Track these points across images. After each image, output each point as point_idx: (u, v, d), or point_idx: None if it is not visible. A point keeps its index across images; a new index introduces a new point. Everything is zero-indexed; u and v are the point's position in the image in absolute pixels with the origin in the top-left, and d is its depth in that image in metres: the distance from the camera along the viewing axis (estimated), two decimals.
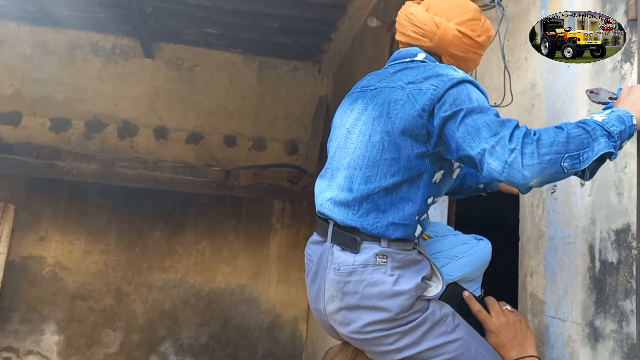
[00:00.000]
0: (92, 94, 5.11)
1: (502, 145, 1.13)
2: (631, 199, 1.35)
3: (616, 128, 1.14)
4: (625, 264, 1.36)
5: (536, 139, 1.13)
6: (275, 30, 4.85)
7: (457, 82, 1.24)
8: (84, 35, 5.18)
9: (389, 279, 1.24)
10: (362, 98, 1.40)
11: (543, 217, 1.75)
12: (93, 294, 4.92)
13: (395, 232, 1.27)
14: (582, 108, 1.60)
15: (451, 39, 1.39)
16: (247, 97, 5.42)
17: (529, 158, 1.11)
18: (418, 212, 1.29)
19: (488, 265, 1.48)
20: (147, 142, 5.13)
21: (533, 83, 1.88)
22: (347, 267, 1.27)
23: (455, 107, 1.21)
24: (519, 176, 1.11)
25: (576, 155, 1.11)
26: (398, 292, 1.23)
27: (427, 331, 1.25)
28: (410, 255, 1.28)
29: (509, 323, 1.32)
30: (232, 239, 5.22)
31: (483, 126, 1.17)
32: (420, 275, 1.27)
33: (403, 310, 1.23)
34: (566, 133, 1.13)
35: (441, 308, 1.29)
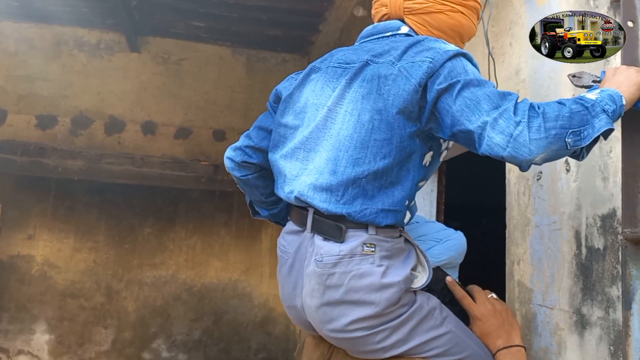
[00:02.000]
0: (78, 90, 5.04)
1: (507, 118, 1.06)
2: (617, 184, 1.33)
3: (610, 107, 1.10)
4: (611, 249, 1.34)
5: (541, 112, 1.07)
6: (263, 22, 4.80)
7: (454, 54, 1.17)
8: (69, 30, 5.10)
9: (377, 269, 1.15)
10: (341, 75, 1.28)
11: (529, 204, 1.73)
12: (83, 292, 4.88)
13: (385, 219, 1.17)
14: (567, 94, 1.57)
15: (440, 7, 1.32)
16: (236, 90, 5.36)
17: (536, 132, 1.04)
18: (408, 197, 1.20)
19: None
20: (135, 138, 5.08)
21: (518, 69, 1.86)
22: (332, 258, 1.16)
23: (450, 80, 1.13)
24: (524, 151, 1.04)
25: (578, 131, 1.07)
26: (387, 285, 1.14)
27: (416, 326, 1.18)
28: (398, 243, 1.20)
29: (495, 310, 1.27)
30: (224, 234, 5.18)
31: (483, 98, 1.10)
32: (409, 266, 1.19)
33: (390, 305, 1.14)
34: (568, 108, 1.08)
35: (428, 300, 1.23)
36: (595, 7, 1.46)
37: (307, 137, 1.28)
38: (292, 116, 1.35)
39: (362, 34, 1.42)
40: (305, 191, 1.22)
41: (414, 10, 1.33)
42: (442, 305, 1.26)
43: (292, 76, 1.49)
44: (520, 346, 1.26)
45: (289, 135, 1.34)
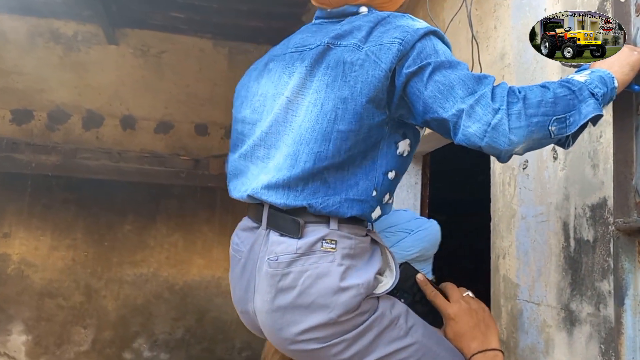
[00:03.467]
0: (54, 84, 4.89)
1: (484, 105, 0.96)
2: (607, 171, 1.25)
3: (600, 90, 1.01)
4: (601, 241, 1.26)
5: (522, 97, 0.97)
6: (244, 13, 4.68)
7: (424, 33, 1.04)
8: (44, 22, 4.94)
9: (336, 269, 1.01)
10: (298, 59, 1.13)
11: (515, 195, 1.64)
12: (61, 291, 4.74)
13: (350, 210, 1.04)
14: (554, 77, 1.49)
15: None
16: (218, 84, 5.24)
17: (516, 119, 0.95)
18: (375, 187, 1.07)
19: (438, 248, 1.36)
20: (114, 133, 4.93)
21: (502, 53, 1.77)
22: (287, 256, 1.03)
23: (420, 62, 1.01)
24: (503, 140, 0.95)
25: (563, 118, 0.97)
26: (345, 288, 1.01)
27: (377, 337, 1.04)
28: (363, 242, 1.07)
29: (470, 310, 1.14)
30: (206, 230, 5.06)
31: (457, 83, 0.99)
32: (374, 269, 1.06)
33: (348, 311, 1.01)
34: (552, 92, 0.99)
35: (392, 308, 1.08)
36: None
37: (267, 132, 1.15)
38: (249, 110, 1.22)
39: (317, 15, 1.26)
40: (259, 189, 1.10)
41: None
42: (409, 312, 1.11)
43: (251, 67, 1.35)
44: (497, 350, 1.12)
45: (247, 131, 1.22)
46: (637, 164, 1.12)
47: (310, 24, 1.26)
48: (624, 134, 1.15)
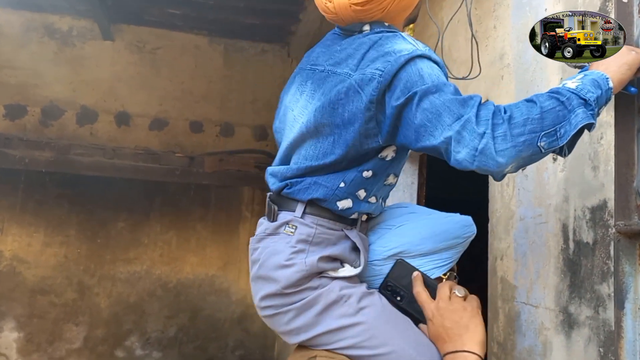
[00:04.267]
0: (49, 79, 4.84)
1: (470, 130, 0.98)
2: (608, 173, 1.24)
3: (592, 94, 1.01)
4: (601, 244, 1.25)
5: (507, 117, 0.98)
6: (241, 10, 4.66)
7: (405, 61, 1.07)
8: (39, 17, 4.90)
9: (287, 249, 1.14)
10: (311, 80, 1.21)
11: (513, 195, 1.63)
12: (54, 288, 4.70)
13: (314, 192, 1.15)
14: (554, 77, 1.48)
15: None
16: (213, 81, 5.21)
17: (502, 142, 0.96)
18: (344, 180, 1.14)
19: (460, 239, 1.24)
20: (108, 129, 4.89)
21: (502, 53, 1.76)
22: (259, 235, 1.20)
23: (407, 92, 1.05)
24: (492, 164, 0.97)
25: (553, 131, 0.98)
26: (288, 265, 1.13)
27: (323, 311, 1.12)
28: (327, 234, 1.15)
29: (448, 310, 1.10)
30: (200, 228, 5.04)
31: (443, 110, 1.01)
32: (323, 255, 1.13)
33: (290, 285, 1.12)
34: (539, 107, 0.99)
35: (347, 287, 1.13)
36: None
37: (281, 146, 1.28)
38: (278, 120, 1.34)
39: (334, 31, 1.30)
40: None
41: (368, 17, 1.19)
42: (371, 296, 1.14)
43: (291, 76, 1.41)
44: (470, 352, 1.06)
45: (279, 139, 1.33)
46: (638, 167, 1.11)
47: (331, 33, 1.29)
48: (625, 136, 1.14)
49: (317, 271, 1.13)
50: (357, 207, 1.17)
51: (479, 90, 1.85)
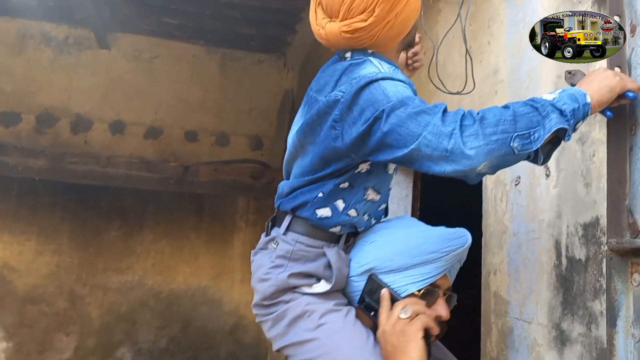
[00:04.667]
0: (44, 86, 4.84)
1: (437, 134, 1.02)
2: (600, 190, 1.24)
3: (568, 106, 1.03)
4: (594, 261, 1.25)
5: (479, 118, 1.02)
6: (238, 20, 4.67)
7: (365, 83, 1.11)
8: (35, 24, 4.90)
9: (268, 263, 1.23)
10: (306, 104, 1.27)
11: (506, 211, 1.64)
12: (45, 297, 4.67)
13: (294, 200, 1.23)
14: (547, 94, 1.49)
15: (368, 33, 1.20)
16: (209, 90, 5.22)
17: (474, 139, 1.00)
18: (322, 191, 1.21)
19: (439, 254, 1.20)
20: (103, 137, 4.88)
21: (496, 69, 1.77)
22: (257, 248, 1.30)
23: (375, 112, 1.08)
24: (463, 162, 1.00)
25: (526, 134, 1.00)
26: (265, 278, 1.22)
27: (291, 323, 1.19)
28: (305, 251, 1.21)
29: (390, 333, 1.09)
30: (194, 238, 5.02)
31: (410, 120, 1.05)
32: (302, 270, 1.20)
33: (266, 297, 1.22)
34: (512, 111, 1.02)
35: (314, 302, 1.18)
36: (579, 2, 1.38)
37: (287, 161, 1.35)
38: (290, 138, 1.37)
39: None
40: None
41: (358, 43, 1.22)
42: (334, 313, 1.16)
43: None
44: None
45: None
46: (631, 185, 1.11)
47: (334, 57, 1.32)
48: (618, 154, 1.15)
49: (288, 286, 1.20)
50: (336, 217, 1.22)
51: (473, 105, 1.86)
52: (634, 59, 1.15)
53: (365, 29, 1.18)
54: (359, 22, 1.17)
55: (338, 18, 1.20)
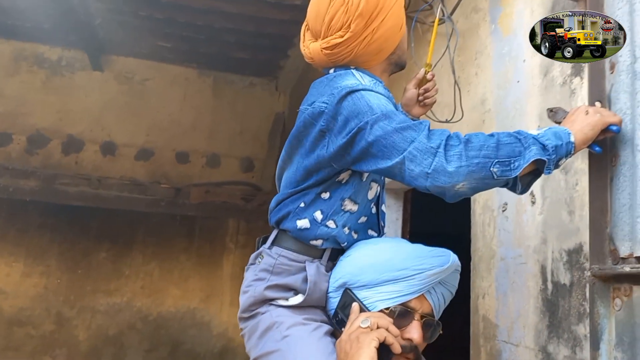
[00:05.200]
0: (36, 108, 4.86)
1: (422, 150, 1.07)
2: (583, 218, 1.29)
3: (551, 142, 1.09)
4: (578, 286, 1.30)
5: (465, 140, 1.08)
6: (231, 45, 4.75)
7: (346, 93, 1.16)
8: (29, 46, 4.95)
9: (251, 276, 1.27)
10: (297, 117, 1.30)
11: (494, 236, 1.69)
12: (32, 320, 4.62)
13: (279, 213, 1.28)
14: (532, 124, 1.55)
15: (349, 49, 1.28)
16: (201, 112, 5.27)
17: (457, 159, 1.05)
18: (304, 201, 1.25)
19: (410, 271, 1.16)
20: (94, 158, 4.90)
21: (483, 99, 1.84)
22: (247, 265, 1.32)
23: (359, 122, 1.13)
24: (444, 179, 1.05)
25: (507, 162, 1.06)
26: (245, 291, 1.26)
27: (262, 335, 1.21)
28: (287, 265, 1.24)
29: (345, 341, 1.10)
30: (183, 260, 5.01)
31: (395, 134, 1.10)
32: (280, 283, 1.23)
33: (244, 309, 1.26)
34: (496, 139, 1.08)
35: (284, 315, 1.20)
36: None
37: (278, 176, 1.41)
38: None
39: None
40: None
41: (339, 59, 1.29)
42: (300, 326, 1.18)
43: None
44: None
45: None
46: (612, 213, 1.16)
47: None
48: (599, 184, 1.20)
49: (265, 298, 1.23)
50: (315, 229, 1.24)
51: (462, 133, 1.92)
52: (613, 95, 1.22)
53: (342, 44, 1.26)
54: (337, 38, 1.26)
55: (320, 37, 1.29)
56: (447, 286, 1.23)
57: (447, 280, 1.22)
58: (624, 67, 1.20)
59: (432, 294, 1.20)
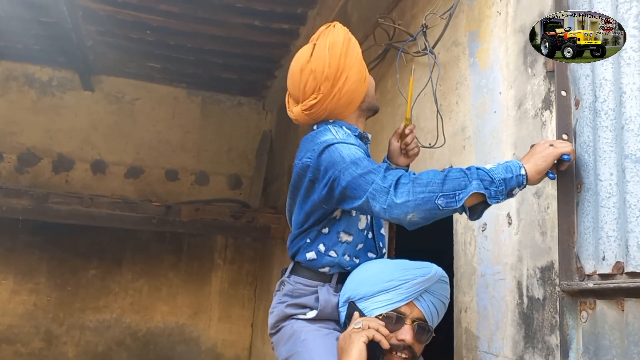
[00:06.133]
0: (26, 127, 4.93)
1: (378, 190, 1.28)
2: (554, 238, 1.43)
3: (499, 175, 1.23)
4: (550, 300, 1.44)
5: (414, 178, 1.26)
6: (219, 66, 4.88)
7: (324, 148, 1.41)
8: (19, 66, 5.02)
9: (276, 300, 1.54)
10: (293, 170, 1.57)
11: (475, 254, 1.82)
12: (20, 337, 4.64)
13: (292, 249, 1.56)
14: (508, 152, 1.70)
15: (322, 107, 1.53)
16: (189, 131, 5.37)
17: (405, 195, 1.24)
18: (310, 238, 1.51)
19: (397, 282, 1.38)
20: (84, 177, 4.97)
21: (463, 126, 1.98)
22: (275, 291, 1.58)
23: (334, 172, 1.37)
24: (397, 212, 1.25)
25: (451, 194, 1.23)
26: (271, 312, 1.54)
27: (285, 342, 1.47)
28: (302, 290, 1.50)
29: (339, 339, 1.36)
30: (172, 276, 5.08)
31: (360, 178, 1.32)
32: (296, 303, 1.49)
33: (271, 326, 1.54)
34: (445, 175, 1.25)
35: (303, 326, 1.46)
36: (533, 75, 1.60)
37: (288, 218, 1.68)
38: None
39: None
40: None
41: (318, 117, 1.54)
42: (314, 331, 1.44)
43: None
44: None
45: None
46: (578, 235, 1.31)
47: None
48: (567, 208, 1.34)
49: (286, 315, 1.50)
50: (320, 259, 1.50)
51: (444, 157, 2.06)
52: (578, 128, 1.36)
53: (317, 104, 1.51)
54: (312, 100, 1.52)
55: (300, 101, 1.56)
56: (436, 295, 1.43)
57: (434, 289, 1.42)
58: (587, 104, 1.35)
59: (421, 301, 1.40)
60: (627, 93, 1.23)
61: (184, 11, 3.93)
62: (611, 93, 1.28)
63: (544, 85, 1.55)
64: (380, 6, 2.82)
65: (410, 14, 2.56)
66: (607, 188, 1.25)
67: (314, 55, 1.53)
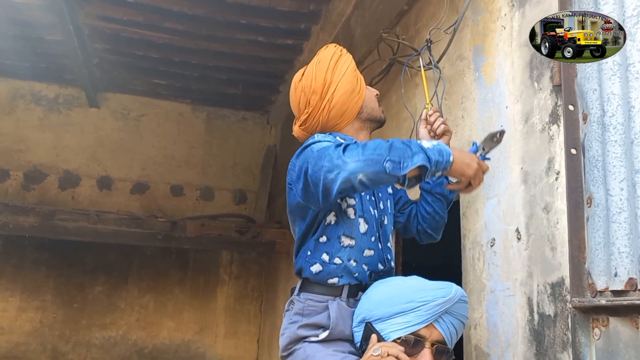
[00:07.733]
0: (33, 144, 4.95)
1: (330, 158, 1.31)
2: (564, 254, 1.41)
3: (434, 156, 1.30)
4: (561, 316, 1.42)
5: (362, 144, 1.31)
6: (223, 82, 4.91)
7: (301, 150, 1.45)
8: (26, 84, 5.06)
9: (286, 320, 1.49)
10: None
11: (484, 269, 1.80)
12: (27, 355, 4.62)
13: (297, 265, 1.53)
14: (516, 166, 1.69)
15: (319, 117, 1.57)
16: (194, 146, 5.39)
17: (354, 155, 1.28)
18: (309, 248, 1.49)
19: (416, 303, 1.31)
20: (90, 193, 4.98)
21: (470, 141, 1.97)
22: (284, 310, 1.53)
23: (305, 163, 1.39)
24: (347, 171, 1.27)
25: (397, 161, 1.27)
26: (283, 333, 1.48)
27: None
28: (313, 307, 1.45)
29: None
30: (178, 292, 5.06)
31: (319, 159, 1.35)
32: (305, 322, 1.44)
33: (283, 349, 1.47)
34: (390, 144, 1.30)
35: (316, 350, 1.40)
36: (540, 89, 1.59)
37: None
38: None
39: None
40: None
41: (312, 130, 1.58)
42: (330, 357, 1.37)
43: None
44: None
45: None
46: (589, 250, 1.29)
47: None
48: (577, 223, 1.33)
49: (298, 337, 1.43)
50: (327, 269, 1.46)
51: None
52: (587, 143, 1.35)
53: (309, 118, 1.57)
54: (304, 115, 1.58)
55: (297, 119, 1.62)
56: (455, 315, 1.36)
57: (454, 310, 1.35)
58: (595, 119, 1.34)
59: (441, 322, 1.34)
60: (636, 107, 1.22)
61: (188, 29, 3.96)
62: (619, 107, 1.27)
63: (550, 100, 1.55)
64: (384, 21, 2.83)
65: (414, 28, 2.57)
66: (618, 203, 1.24)
67: (304, 74, 1.61)
